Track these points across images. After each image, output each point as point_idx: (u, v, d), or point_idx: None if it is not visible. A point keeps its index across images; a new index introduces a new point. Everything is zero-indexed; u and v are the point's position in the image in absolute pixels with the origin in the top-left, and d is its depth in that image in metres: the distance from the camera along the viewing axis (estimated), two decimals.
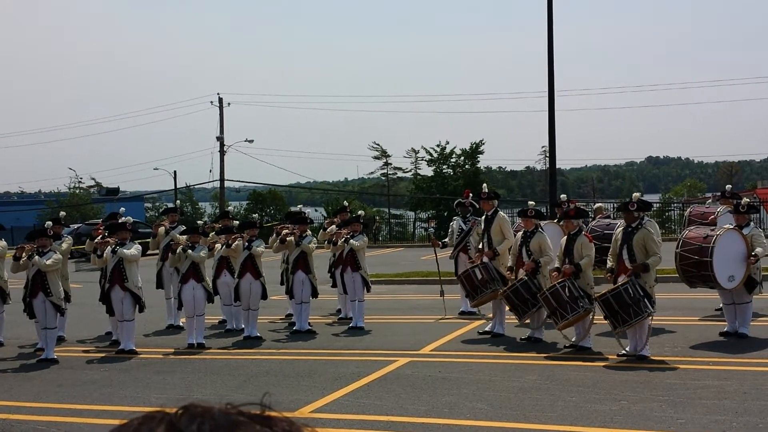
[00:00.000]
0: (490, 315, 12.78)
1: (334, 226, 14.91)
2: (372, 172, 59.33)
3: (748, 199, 12.14)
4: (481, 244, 13.06)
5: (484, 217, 13.11)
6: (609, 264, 10.72)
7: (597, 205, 19.58)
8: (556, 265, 11.09)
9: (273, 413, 0.90)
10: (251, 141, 46.87)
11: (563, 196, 15.83)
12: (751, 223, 11.84)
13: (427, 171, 46.58)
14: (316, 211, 43.56)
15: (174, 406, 0.93)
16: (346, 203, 17.31)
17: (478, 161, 45.13)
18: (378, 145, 53.69)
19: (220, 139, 44.70)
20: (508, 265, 12.12)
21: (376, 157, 54.26)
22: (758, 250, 11.12)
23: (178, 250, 12.53)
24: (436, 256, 15.35)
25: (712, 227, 11.97)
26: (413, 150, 49.02)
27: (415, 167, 49.14)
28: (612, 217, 17.27)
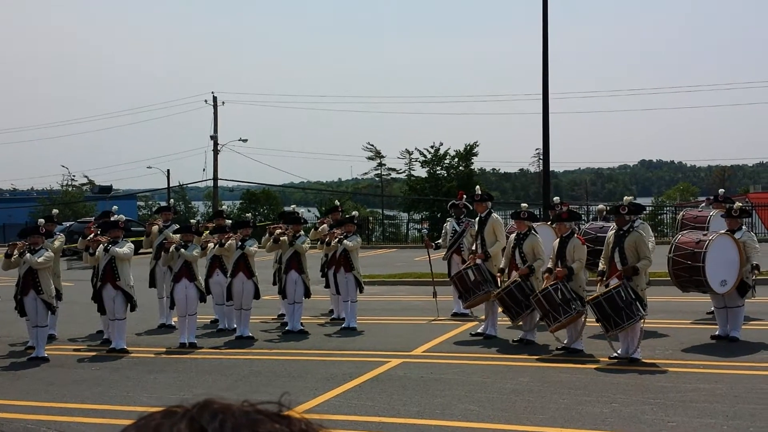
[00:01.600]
0: (483, 317, 12.79)
1: (325, 226, 14.90)
2: (366, 173, 59.52)
3: (740, 204, 12.16)
4: (474, 246, 13.08)
5: (477, 218, 13.13)
6: (600, 267, 10.74)
7: (599, 206, 19.60)
8: (549, 266, 11.12)
9: (290, 413, 0.91)
10: (245, 140, 46.82)
11: (556, 199, 15.86)
12: (743, 228, 11.86)
13: (420, 172, 46.65)
14: (309, 211, 43.54)
15: (185, 401, 0.93)
16: (337, 203, 17.30)
17: (472, 163, 45.21)
18: (372, 145, 53.84)
19: (214, 138, 44.63)
20: (501, 267, 12.13)
21: (370, 158, 54.41)
22: (754, 261, 11.21)
23: (171, 249, 12.51)
24: (429, 257, 15.37)
25: (705, 232, 12.00)
26: (407, 151, 49.10)
27: (409, 168, 49.22)
28: (607, 219, 17.32)
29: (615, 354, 10.22)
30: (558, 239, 11.17)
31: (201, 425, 0.86)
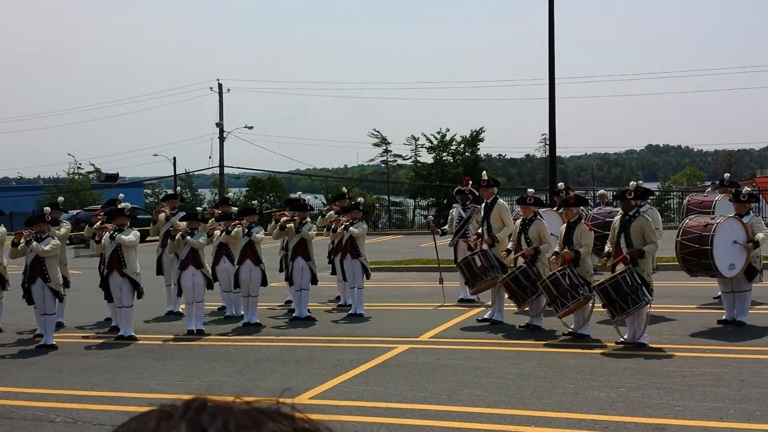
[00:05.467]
0: (489, 302, 12.79)
1: (332, 213, 14.90)
2: (372, 159, 59.29)
3: (748, 188, 12.11)
4: (480, 230, 13.07)
5: (483, 204, 13.12)
6: (607, 249, 10.73)
7: (600, 191, 19.55)
8: (555, 250, 11.11)
9: (294, 412, 0.88)
10: (251, 127, 46.78)
11: (561, 185, 15.84)
12: (751, 212, 11.82)
13: (426, 158, 46.57)
14: (315, 198, 43.54)
15: (182, 397, 0.90)
16: (344, 190, 17.29)
17: (478, 149, 45.12)
18: (378, 132, 53.62)
19: (220, 125, 44.61)
20: (507, 248, 12.11)
21: (376, 144, 54.21)
22: (759, 235, 11.11)
23: (177, 237, 12.52)
24: (436, 243, 15.36)
25: (713, 216, 11.96)
26: (413, 137, 48.95)
27: (415, 154, 49.09)
28: (614, 204, 17.29)
29: (621, 339, 10.22)
30: (565, 225, 11.15)
31: (202, 427, 0.82)
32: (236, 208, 14.78)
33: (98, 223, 12.86)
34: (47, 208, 12.63)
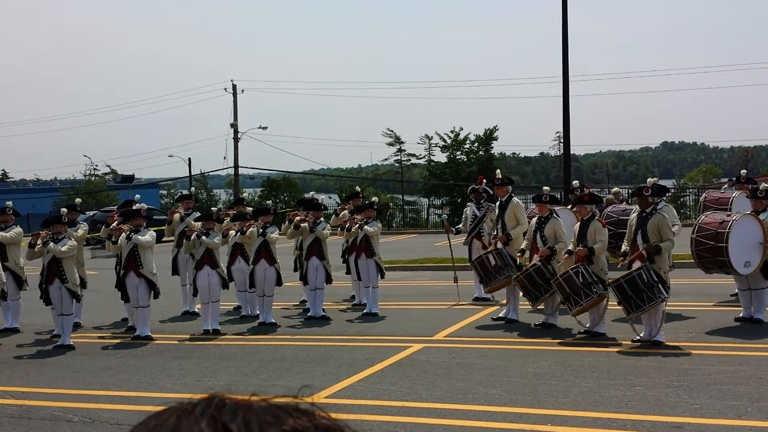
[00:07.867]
0: (504, 301, 12.77)
1: (346, 212, 14.91)
2: (386, 159, 59.25)
3: (766, 185, 12.01)
4: (495, 231, 13.05)
5: (498, 203, 13.10)
6: (623, 248, 10.68)
7: (614, 189, 19.46)
8: (569, 248, 11.07)
9: (314, 409, 0.87)
10: (265, 128, 46.86)
11: (575, 183, 15.77)
12: None
13: (440, 157, 46.45)
14: (329, 197, 43.59)
15: (197, 396, 0.88)
16: (358, 189, 17.28)
17: (492, 147, 45.01)
18: (392, 131, 53.59)
19: (234, 125, 44.75)
20: (521, 248, 12.08)
21: (389, 144, 54.21)
22: None
23: (192, 237, 12.57)
24: (450, 242, 15.35)
25: (729, 212, 11.89)
26: (427, 136, 48.87)
27: (429, 153, 49.01)
28: (628, 201, 17.20)
29: (638, 337, 10.17)
30: (579, 222, 11.11)
31: (224, 424, 0.81)
32: (251, 209, 14.82)
33: (114, 224, 12.93)
34: (64, 210, 12.71)
